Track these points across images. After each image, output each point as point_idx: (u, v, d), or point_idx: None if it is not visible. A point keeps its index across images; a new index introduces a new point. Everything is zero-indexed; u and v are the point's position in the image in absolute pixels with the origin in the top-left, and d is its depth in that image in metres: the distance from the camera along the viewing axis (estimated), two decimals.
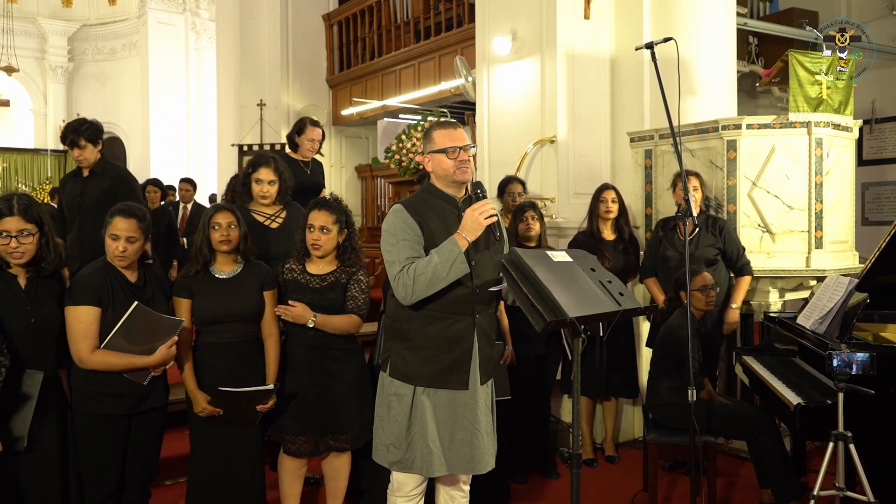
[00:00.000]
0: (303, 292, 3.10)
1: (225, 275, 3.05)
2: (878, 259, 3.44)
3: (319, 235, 3.07)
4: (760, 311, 4.34)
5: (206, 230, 3.02)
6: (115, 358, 2.69)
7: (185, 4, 14.66)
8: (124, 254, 2.74)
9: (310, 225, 3.10)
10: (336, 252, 3.15)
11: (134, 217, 2.77)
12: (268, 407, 2.96)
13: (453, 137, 2.56)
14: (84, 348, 2.67)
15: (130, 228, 2.74)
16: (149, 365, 2.74)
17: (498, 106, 5.61)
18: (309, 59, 9.12)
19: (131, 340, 2.70)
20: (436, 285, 2.44)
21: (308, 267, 3.16)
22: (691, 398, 3.02)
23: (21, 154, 15.47)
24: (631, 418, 4.84)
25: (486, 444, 2.61)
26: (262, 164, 3.52)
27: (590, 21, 5.23)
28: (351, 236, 3.16)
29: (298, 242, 3.18)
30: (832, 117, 4.24)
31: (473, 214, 2.46)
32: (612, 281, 2.44)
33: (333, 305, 3.11)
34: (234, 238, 3.02)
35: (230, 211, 3.06)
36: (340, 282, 3.14)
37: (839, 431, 2.78)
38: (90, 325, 2.68)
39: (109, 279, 2.76)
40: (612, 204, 4.34)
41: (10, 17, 14.55)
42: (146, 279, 2.88)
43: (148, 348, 2.73)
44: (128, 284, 2.79)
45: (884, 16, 7.99)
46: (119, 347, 2.69)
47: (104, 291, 2.72)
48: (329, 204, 3.13)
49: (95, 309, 2.69)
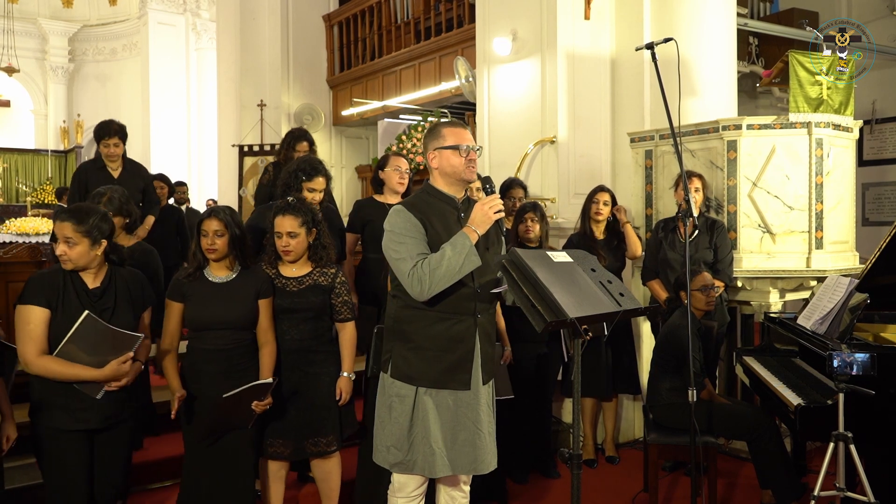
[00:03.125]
0: (281, 297, 3.06)
1: (218, 280, 2.98)
2: (878, 259, 3.44)
3: (288, 241, 3.04)
4: (761, 311, 4.34)
5: (198, 234, 2.96)
6: (61, 366, 2.55)
7: (186, 5, 14.66)
8: (63, 256, 2.60)
9: (277, 232, 3.06)
10: (308, 253, 3.12)
11: (72, 219, 2.62)
12: (264, 405, 2.91)
13: (464, 136, 2.57)
14: (30, 351, 2.54)
15: (67, 230, 2.60)
16: (96, 379, 2.57)
17: (498, 106, 5.61)
18: (309, 59, 9.12)
19: (86, 351, 2.57)
20: (451, 278, 2.43)
21: (282, 270, 3.11)
22: (692, 398, 3.02)
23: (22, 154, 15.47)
24: (631, 419, 4.84)
25: (489, 445, 2.61)
26: (315, 175, 3.53)
27: (590, 21, 5.23)
28: (320, 234, 3.13)
29: (268, 247, 3.15)
30: (832, 118, 4.24)
31: (483, 209, 2.47)
32: (613, 281, 2.44)
33: (314, 307, 3.09)
34: (221, 247, 2.93)
35: (219, 218, 2.95)
36: (320, 284, 3.11)
37: (840, 432, 2.78)
38: (37, 326, 2.55)
39: (64, 283, 2.62)
40: (603, 206, 4.34)
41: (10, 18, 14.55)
42: (110, 285, 2.71)
43: (104, 360, 2.58)
44: (84, 290, 2.64)
45: (884, 16, 7.98)
46: (72, 356, 2.56)
47: (55, 294, 2.59)
48: (293, 207, 3.09)
49: (43, 310, 2.56)
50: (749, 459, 3.87)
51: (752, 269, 4.28)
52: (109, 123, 4.77)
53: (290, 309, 3.06)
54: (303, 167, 3.58)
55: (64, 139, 15.75)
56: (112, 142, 4.69)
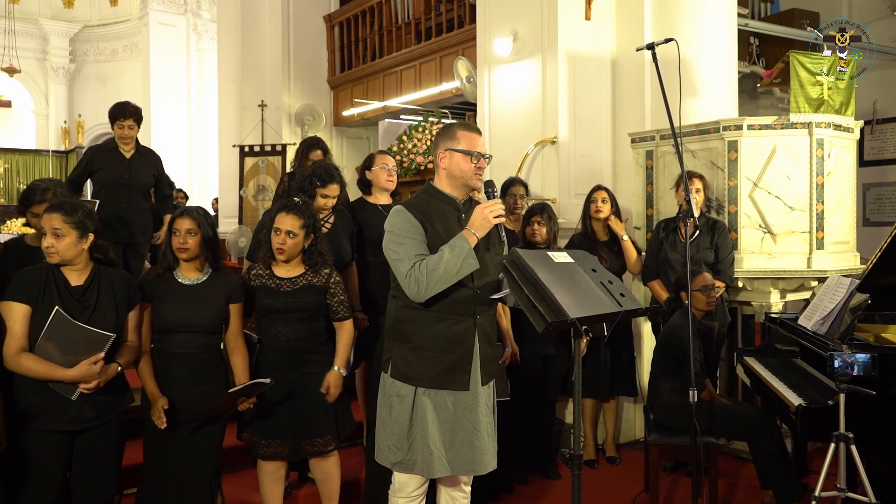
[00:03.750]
0: (275, 297, 3.05)
1: (188, 281, 2.92)
2: (879, 260, 3.45)
3: (285, 239, 3.03)
4: (761, 311, 4.33)
5: (169, 234, 2.90)
6: (36, 364, 2.54)
7: (187, 5, 14.66)
8: (50, 249, 2.60)
9: (276, 228, 3.04)
10: (303, 256, 3.10)
11: (60, 210, 2.62)
12: (249, 403, 2.89)
13: (477, 143, 2.57)
14: (7, 346, 2.54)
15: (56, 221, 2.60)
16: (67, 379, 2.55)
17: (499, 107, 5.61)
18: (310, 59, 9.11)
19: (61, 350, 2.56)
20: (448, 281, 2.44)
21: (276, 271, 3.10)
22: (693, 399, 3.02)
23: (23, 155, 15.48)
24: (632, 419, 4.84)
25: (487, 445, 2.61)
26: (330, 182, 3.55)
27: (591, 22, 5.23)
28: (317, 241, 3.12)
29: (264, 246, 3.13)
30: (833, 118, 4.24)
31: (483, 212, 2.47)
32: (613, 282, 2.44)
33: (309, 307, 3.07)
34: (193, 246, 2.87)
35: (191, 217, 2.89)
36: (314, 284, 3.09)
37: (840, 432, 2.78)
38: (16, 322, 2.56)
39: (46, 279, 2.62)
40: (601, 204, 4.34)
41: (11, 18, 14.56)
42: (93, 284, 2.69)
43: (76, 360, 2.56)
44: (66, 287, 2.64)
45: (884, 16, 7.98)
46: (48, 354, 2.55)
47: (37, 291, 2.59)
48: (297, 208, 3.08)
49: (24, 306, 2.57)
50: (750, 460, 3.87)
51: (752, 270, 4.28)
52: (125, 105, 4.70)
53: (284, 309, 3.04)
54: (318, 172, 3.56)
55: (65, 139, 15.76)
56: (127, 123, 4.64)
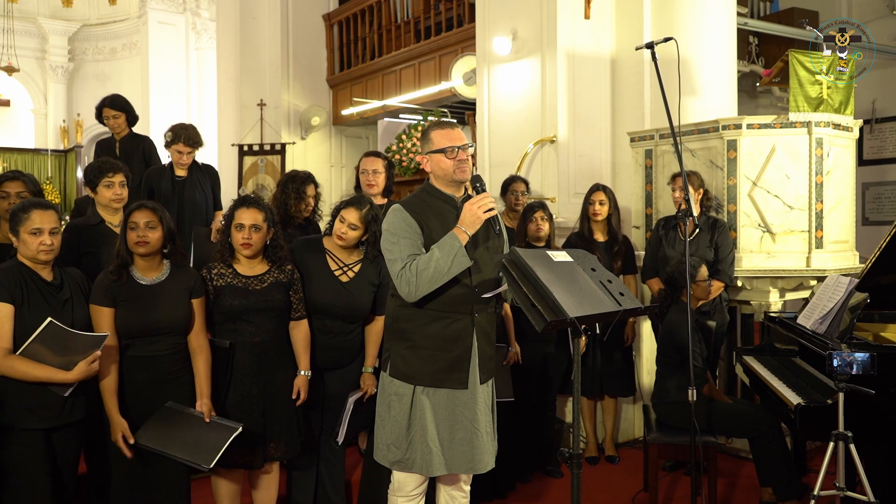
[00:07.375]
0: (245, 296, 2.93)
1: (148, 281, 2.79)
2: (878, 259, 3.44)
3: (251, 234, 2.91)
4: (761, 311, 4.34)
5: (125, 229, 2.76)
6: (30, 367, 2.52)
7: (186, 4, 14.64)
8: (51, 247, 2.60)
9: (238, 224, 2.93)
10: (265, 251, 3.02)
11: (54, 209, 2.63)
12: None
13: (451, 137, 2.56)
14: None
15: (52, 220, 2.61)
16: (67, 381, 2.55)
17: (498, 106, 5.61)
18: (309, 58, 9.11)
19: (54, 351, 2.55)
20: (439, 280, 2.43)
21: (239, 269, 2.98)
22: (691, 398, 3.03)
23: (21, 154, 15.43)
24: (631, 418, 4.84)
25: (486, 444, 2.61)
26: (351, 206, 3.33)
27: (590, 21, 5.23)
28: (276, 234, 3.04)
29: (221, 243, 3.02)
30: (832, 117, 4.24)
31: (472, 208, 2.46)
32: (613, 281, 2.44)
33: (278, 306, 2.99)
34: (154, 240, 2.74)
35: (150, 209, 2.76)
36: (281, 281, 3.01)
37: (840, 431, 2.78)
38: (2, 323, 2.53)
39: (23, 277, 2.60)
40: (599, 206, 4.33)
41: (10, 17, 14.53)
42: (63, 278, 2.70)
43: (69, 361, 2.54)
44: (43, 283, 2.63)
45: (884, 16, 7.98)
46: (39, 356, 2.54)
47: (18, 289, 2.56)
48: (257, 201, 2.99)
49: (8, 306, 2.54)
50: (749, 459, 3.88)
51: (751, 269, 4.28)
52: (181, 131, 4.57)
53: (256, 308, 2.93)
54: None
55: (64, 139, 15.73)
56: (184, 157, 4.59)
